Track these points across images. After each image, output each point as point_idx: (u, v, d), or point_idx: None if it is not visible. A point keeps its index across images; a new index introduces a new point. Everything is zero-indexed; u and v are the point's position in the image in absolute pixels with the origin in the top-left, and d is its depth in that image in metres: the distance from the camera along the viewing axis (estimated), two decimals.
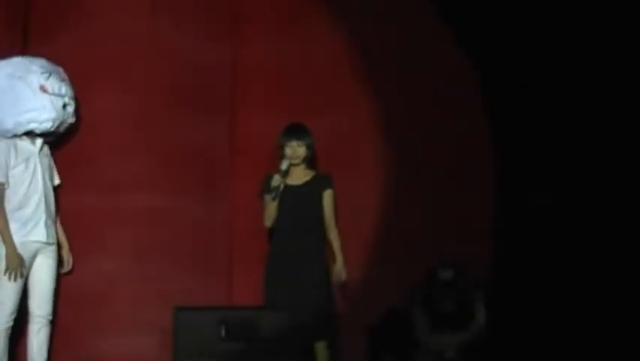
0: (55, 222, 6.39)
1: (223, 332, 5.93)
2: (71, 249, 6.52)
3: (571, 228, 6.93)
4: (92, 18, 6.75)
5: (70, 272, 6.53)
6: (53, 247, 6.36)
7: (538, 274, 6.87)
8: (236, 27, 7.00)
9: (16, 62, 6.40)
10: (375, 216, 7.00)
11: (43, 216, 6.27)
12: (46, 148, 6.43)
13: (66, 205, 6.56)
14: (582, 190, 6.94)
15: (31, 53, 6.62)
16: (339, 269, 6.50)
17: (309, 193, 6.53)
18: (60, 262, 6.44)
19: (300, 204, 6.49)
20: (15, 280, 6.12)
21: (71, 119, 6.51)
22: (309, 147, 6.54)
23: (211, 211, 6.83)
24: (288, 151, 6.51)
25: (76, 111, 6.56)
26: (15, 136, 6.30)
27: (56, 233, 6.40)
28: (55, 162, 6.52)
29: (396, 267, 6.92)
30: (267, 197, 6.49)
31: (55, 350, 6.43)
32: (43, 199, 6.28)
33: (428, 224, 6.97)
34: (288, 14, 7.06)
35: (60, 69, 6.49)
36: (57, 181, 6.51)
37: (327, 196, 6.56)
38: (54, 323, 6.39)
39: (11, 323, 6.18)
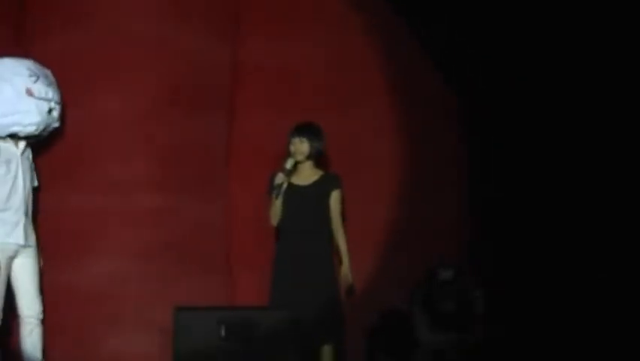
0: (32, 225, 6.37)
1: (223, 332, 5.93)
2: (73, 250, 6.53)
3: (568, 228, 6.95)
4: (91, 18, 6.74)
5: (70, 272, 6.54)
6: (32, 249, 6.33)
7: (537, 273, 6.88)
8: (236, 27, 7.00)
9: (5, 63, 6.37)
10: (375, 217, 7.00)
11: (23, 219, 6.26)
12: (28, 151, 6.41)
13: (65, 205, 6.58)
14: (577, 190, 6.96)
15: (27, 52, 6.62)
16: (346, 273, 6.48)
17: (317, 193, 6.51)
18: None
19: (307, 204, 6.47)
20: None
21: (56, 124, 6.47)
22: (313, 144, 6.51)
23: (210, 211, 6.84)
24: (291, 148, 6.51)
25: (62, 116, 6.53)
26: None
27: (34, 235, 6.37)
28: (53, 162, 6.53)
29: (397, 267, 6.93)
30: (271, 195, 6.49)
31: (55, 349, 6.44)
32: (23, 202, 6.27)
33: (428, 225, 6.98)
34: (288, 14, 7.06)
35: (48, 72, 6.46)
36: (35, 183, 6.47)
37: (335, 197, 6.54)
38: (55, 322, 6.41)
39: None
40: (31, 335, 6.26)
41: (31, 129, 6.32)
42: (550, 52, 7.00)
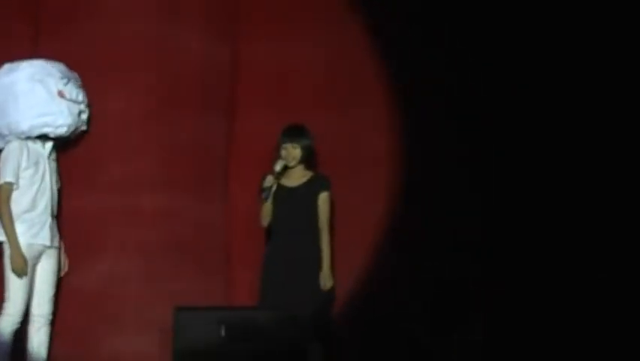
0: (56, 226, 6.43)
1: (223, 332, 5.93)
2: (72, 249, 6.55)
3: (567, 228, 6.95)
4: (92, 18, 6.75)
5: (70, 272, 6.54)
6: (55, 250, 6.40)
7: (537, 273, 6.88)
8: (236, 27, 7.00)
9: (37, 65, 6.43)
10: (374, 217, 7.00)
11: (49, 220, 6.32)
12: (53, 152, 6.46)
13: (67, 205, 6.58)
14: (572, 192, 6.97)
15: (39, 52, 6.64)
16: (325, 276, 6.43)
17: (305, 195, 6.52)
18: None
19: (297, 205, 6.48)
20: (20, 278, 6.17)
21: (84, 127, 6.58)
22: (304, 148, 6.53)
23: (210, 211, 6.83)
24: (283, 153, 6.52)
25: (89, 119, 6.61)
26: (27, 138, 6.33)
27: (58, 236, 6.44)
28: (58, 162, 6.55)
29: (395, 267, 6.92)
30: (261, 197, 6.51)
31: (55, 348, 6.44)
32: (50, 203, 6.33)
33: (428, 225, 6.97)
34: (288, 14, 7.06)
35: (77, 75, 6.54)
36: (59, 184, 6.51)
37: (323, 198, 6.54)
38: (55, 321, 6.41)
39: (18, 326, 6.21)
40: (38, 334, 6.31)
41: (61, 131, 6.39)
42: (551, 56, 7.01)
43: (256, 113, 6.96)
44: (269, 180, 6.48)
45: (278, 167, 6.49)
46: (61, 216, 6.56)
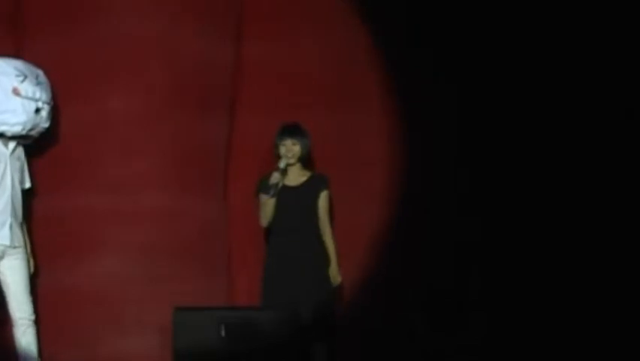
0: (21, 226, 6.37)
1: (223, 332, 5.94)
2: (72, 250, 6.53)
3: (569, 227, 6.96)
4: (94, 17, 6.74)
5: (70, 272, 6.54)
6: (21, 250, 6.33)
7: (535, 274, 6.88)
8: (238, 27, 7.01)
9: None
10: (374, 218, 7.00)
11: (9, 219, 6.25)
12: (19, 151, 6.41)
13: (66, 206, 6.58)
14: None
15: (26, 52, 6.62)
16: (334, 273, 6.49)
17: (305, 194, 6.54)
18: None
19: (296, 205, 6.50)
20: None
21: (45, 124, 6.45)
22: (303, 146, 6.55)
23: (211, 211, 6.84)
24: (282, 150, 6.53)
25: (54, 116, 6.52)
26: None
27: (23, 236, 6.38)
28: (55, 163, 6.53)
29: (395, 267, 6.93)
30: (265, 195, 6.50)
31: (55, 349, 6.45)
32: (10, 202, 6.26)
33: (426, 226, 6.98)
34: (290, 14, 7.07)
35: (40, 72, 6.46)
36: (28, 185, 6.47)
37: (323, 197, 6.56)
38: (55, 322, 6.41)
39: None
40: (24, 336, 6.28)
41: (17, 129, 6.31)
42: (549, 58, 7.02)
43: (257, 113, 6.96)
44: (275, 177, 6.48)
45: (282, 164, 6.50)
46: (62, 217, 6.56)
